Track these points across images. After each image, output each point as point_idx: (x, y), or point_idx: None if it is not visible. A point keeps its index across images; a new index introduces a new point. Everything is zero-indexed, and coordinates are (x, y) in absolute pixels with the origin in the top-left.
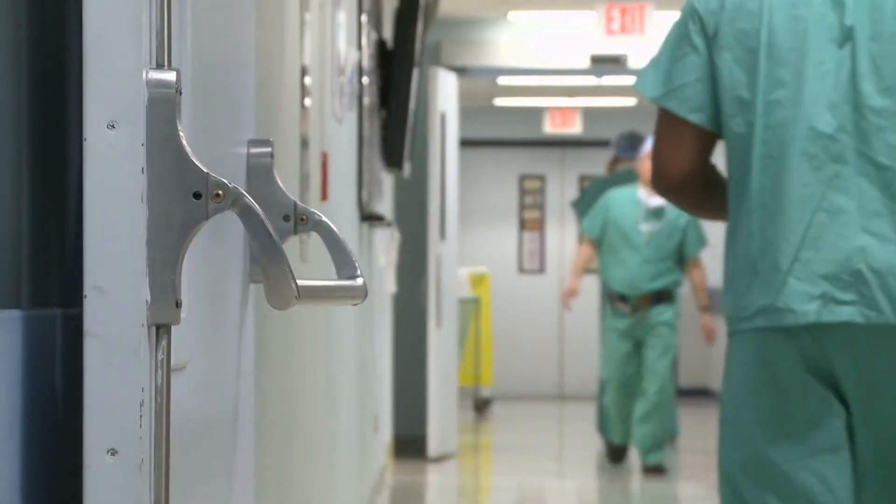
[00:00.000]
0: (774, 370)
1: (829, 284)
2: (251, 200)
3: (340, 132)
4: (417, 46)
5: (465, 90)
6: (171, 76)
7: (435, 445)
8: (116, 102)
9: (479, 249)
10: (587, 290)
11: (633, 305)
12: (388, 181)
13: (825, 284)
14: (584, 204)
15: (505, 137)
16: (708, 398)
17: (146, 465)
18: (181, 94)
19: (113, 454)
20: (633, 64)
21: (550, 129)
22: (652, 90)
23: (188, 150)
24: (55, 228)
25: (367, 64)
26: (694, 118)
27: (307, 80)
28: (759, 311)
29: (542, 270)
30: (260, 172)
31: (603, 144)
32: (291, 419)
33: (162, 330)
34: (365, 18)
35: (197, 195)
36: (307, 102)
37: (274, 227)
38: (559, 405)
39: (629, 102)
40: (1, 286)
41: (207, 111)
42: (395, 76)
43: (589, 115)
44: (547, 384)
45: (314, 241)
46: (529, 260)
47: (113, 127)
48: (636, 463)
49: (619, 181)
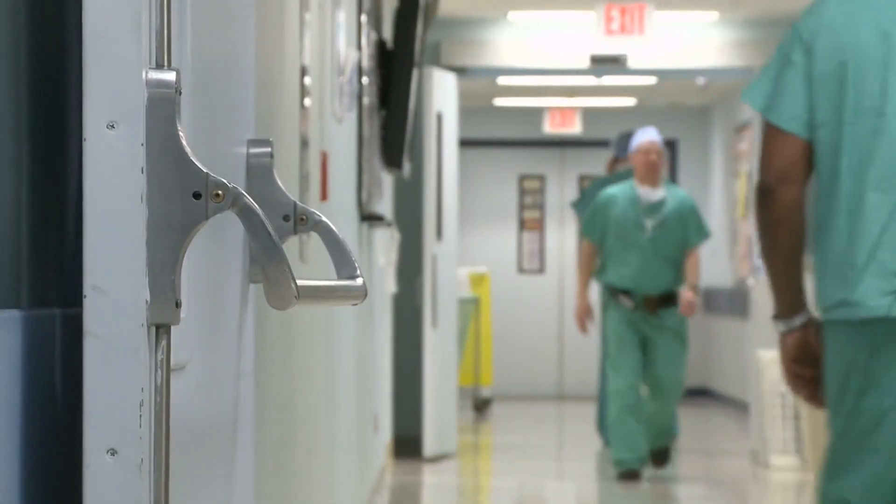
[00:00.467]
0: (849, 358)
1: None
2: (251, 200)
3: (340, 132)
4: (417, 46)
5: (464, 90)
6: (170, 76)
7: (431, 445)
8: (116, 102)
9: (478, 249)
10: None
11: (637, 302)
12: (387, 181)
13: None
14: (583, 204)
15: (505, 137)
16: (708, 398)
17: (146, 465)
18: (181, 93)
19: (113, 454)
20: (632, 64)
21: (550, 129)
22: (757, 102)
23: (188, 150)
24: (55, 228)
25: (366, 64)
26: (792, 128)
27: (307, 80)
28: (837, 303)
29: (541, 270)
30: (259, 172)
31: (603, 144)
32: (291, 419)
33: (162, 330)
34: (365, 18)
35: (197, 195)
36: (307, 102)
37: (273, 227)
38: (559, 405)
39: (629, 102)
40: (0, 286)
41: (207, 111)
42: (394, 76)
43: (588, 115)
44: (546, 384)
45: (314, 241)
46: (529, 260)
47: (113, 127)
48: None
49: (618, 181)
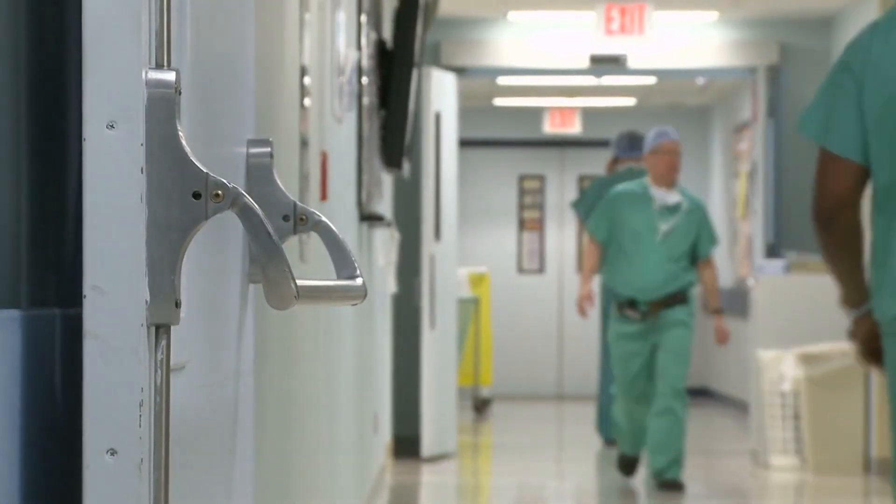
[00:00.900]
0: None
1: None
2: (250, 200)
3: (340, 132)
4: (417, 46)
5: (464, 90)
6: (170, 76)
7: (431, 445)
8: (116, 102)
9: (478, 249)
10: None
11: (643, 311)
12: (387, 181)
13: None
14: (583, 204)
15: (504, 137)
16: (708, 398)
17: (146, 465)
18: (180, 94)
19: (112, 454)
20: (632, 64)
21: (550, 129)
22: (813, 132)
23: (187, 149)
24: (54, 228)
25: (366, 64)
26: (847, 154)
27: (307, 80)
28: (893, 318)
29: (541, 270)
30: (259, 172)
31: (602, 144)
32: (291, 419)
33: (161, 330)
34: (364, 18)
35: (196, 195)
36: (307, 102)
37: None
38: (558, 405)
39: (628, 102)
40: (0, 286)
41: (207, 111)
42: (394, 76)
43: (588, 115)
44: (546, 384)
45: (314, 241)
46: (529, 260)
47: (112, 127)
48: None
49: (619, 181)
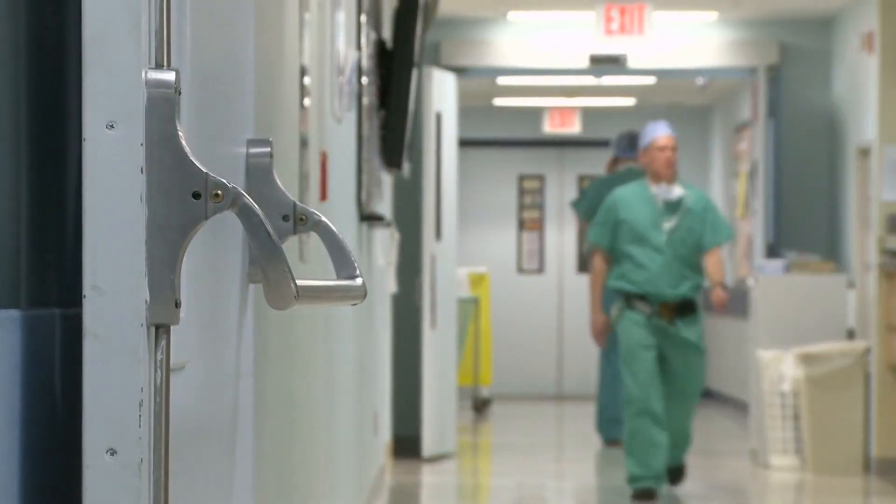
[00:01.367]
0: None
1: None
2: (250, 200)
3: (340, 132)
4: (417, 46)
5: (464, 90)
6: (170, 76)
7: (430, 445)
8: (115, 102)
9: (478, 249)
10: (585, 288)
11: (654, 309)
12: (387, 181)
13: None
14: (583, 204)
15: (504, 137)
16: (708, 398)
17: (145, 464)
18: (180, 93)
19: (112, 454)
20: (632, 64)
21: (549, 128)
22: None
23: (187, 149)
24: (54, 228)
25: (366, 64)
26: None
27: (306, 80)
28: None
29: (541, 270)
30: (259, 172)
31: (602, 144)
32: (291, 419)
33: (161, 330)
34: (364, 18)
35: (196, 195)
36: (306, 102)
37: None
38: (558, 405)
39: (628, 102)
40: (0, 286)
41: (207, 111)
42: (394, 76)
43: (588, 115)
44: (546, 384)
45: (314, 241)
46: (528, 260)
47: (112, 127)
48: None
49: (619, 181)
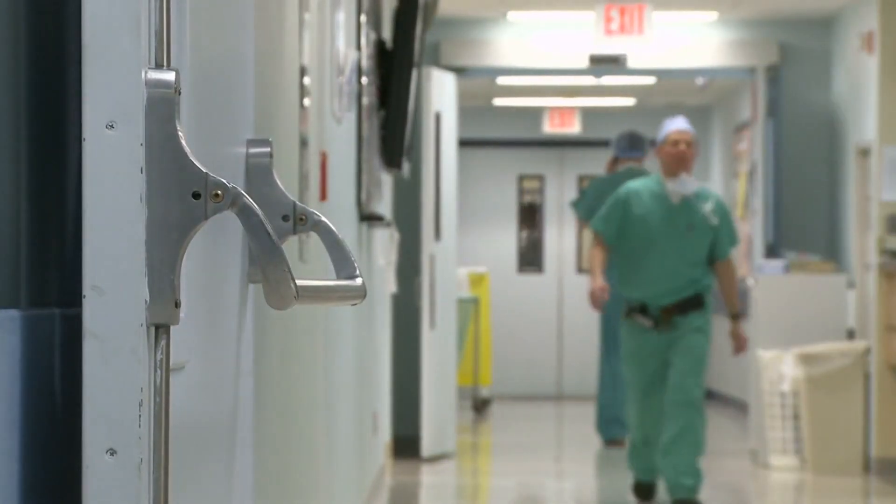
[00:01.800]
0: None
1: None
2: (250, 200)
3: (339, 132)
4: (417, 46)
5: (464, 90)
6: (170, 76)
7: (430, 445)
8: (115, 102)
9: (477, 249)
10: (585, 288)
11: (655, 318)
12: (387, 181)
13: None
14: (583, 204)
15: (504, 137)
16: (708, 398)
17: (145, 464)
18: (180, 93)
19: (112, 454)
20: (631, 64)
21: (549, 129)
22: None
23: (187, 150)
24: (54, 228)
25: (366, 64)
26: None
27: (306, 80)
28: None
29: (540, 270)
30: (259, 172)
31: (602, 144)
32: (290, 419)
33: (161, 330)
34: (364, 18)
35: (196, 195)
36: (306, 102)
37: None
38: (558, 405)
39: (628, 102)
40: (0, 286)
41: (206, 111)
42: (394, 76)
43: (588, 115)
44: (545, 384)
45: (313, 241)
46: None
47: (112, 127)
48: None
49: (618, 181)
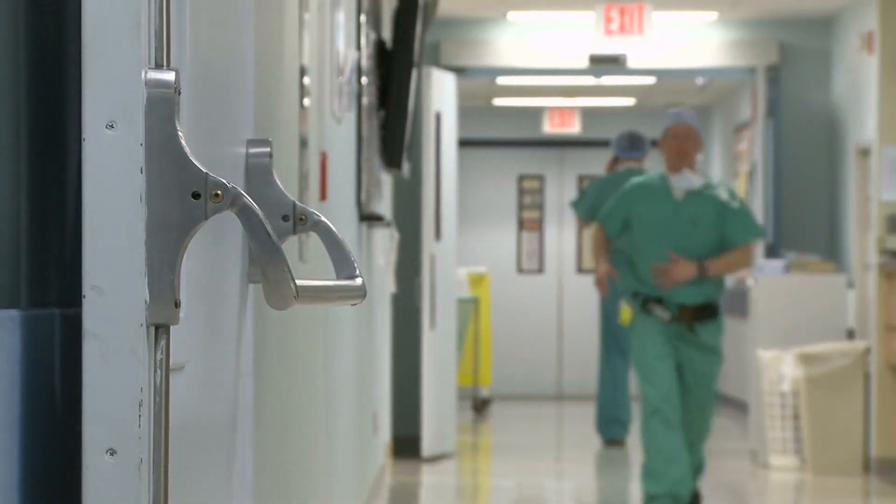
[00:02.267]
0: None
1: None
2: (250, 200)
3: (339, 132)
4: (416, 46)
5: (463, 90)
6: (169, 76)
7: (430, 445)
8: (115, 102)
9: (477, 249)
10: (585, 288)
11: (673, 314)
12: (387, 181)
13: None
14: (583, 204)
15: (504, 137)
16: None
17: (145, 464)
18: (180, 93)
19: (112, 454)
20: (631, 64)
21: (549, 128)
22: None
23: (187, 149)
24: (54, 228)
25: (366, 64)
26: None
27: (306, 80)
28: None
29: (540, 270)
30: (259, 172)
31: (602, 144)
32: (290, 419)
33: (161, 330)
34: (364, 18)
35: (196, 195)
36: (306, 102)
37: (273, 227)
38: (558, 405)
39: (628, 102)
40: (0, 286)
41: (206, 111)
42: (394, 76)
43: (588, 115)
44: (546, 384)
45: (313, 241)
46: (528, 260)
47: (112, 127)
48: (636, 461)
49: (618, 181)
